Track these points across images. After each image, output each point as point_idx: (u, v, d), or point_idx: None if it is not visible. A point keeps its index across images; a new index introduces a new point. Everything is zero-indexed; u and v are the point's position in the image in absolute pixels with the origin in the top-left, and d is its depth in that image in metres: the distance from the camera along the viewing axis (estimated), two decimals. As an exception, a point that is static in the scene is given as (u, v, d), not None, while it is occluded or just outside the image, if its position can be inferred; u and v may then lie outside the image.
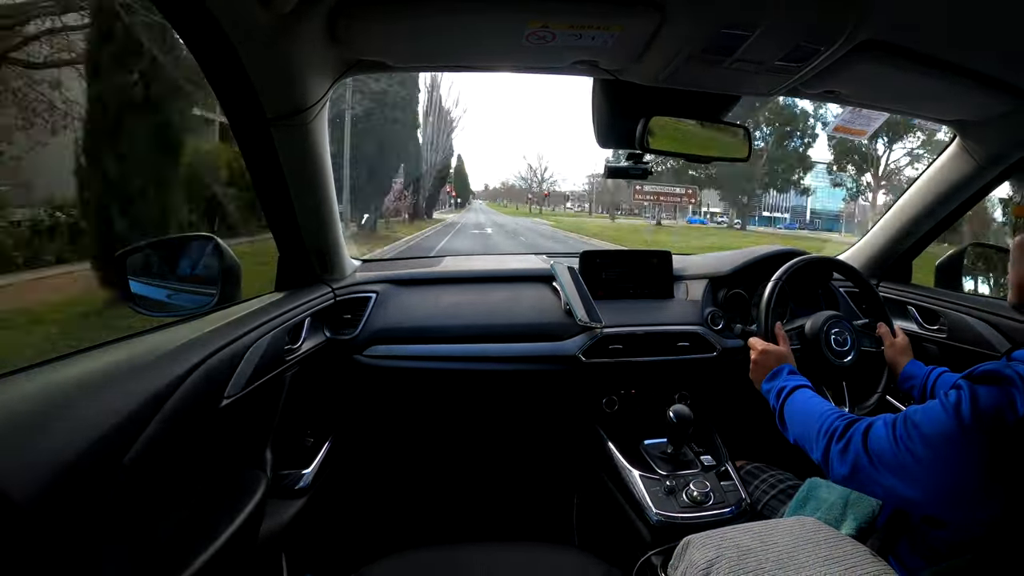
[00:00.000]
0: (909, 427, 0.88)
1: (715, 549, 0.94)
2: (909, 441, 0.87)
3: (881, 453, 0.91)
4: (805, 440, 1.10)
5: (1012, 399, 0.77)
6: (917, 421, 0.88)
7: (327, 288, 1.62)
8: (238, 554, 1.04)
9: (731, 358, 1.74)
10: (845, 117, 1.70)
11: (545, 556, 1.19)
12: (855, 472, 0.94)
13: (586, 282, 1.78)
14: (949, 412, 0.83)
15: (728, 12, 0.98)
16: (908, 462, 0.85)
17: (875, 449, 0.92)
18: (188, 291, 1.41)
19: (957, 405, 0.82)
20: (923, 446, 0.84)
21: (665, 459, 1.54)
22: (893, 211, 1.95)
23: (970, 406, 0.80)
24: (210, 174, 9.62)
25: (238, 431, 1.22)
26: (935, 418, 0.85)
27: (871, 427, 0.96)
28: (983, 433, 0.78)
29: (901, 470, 0.86)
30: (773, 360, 1.33)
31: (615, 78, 1.30)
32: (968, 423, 0.79)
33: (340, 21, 1.02)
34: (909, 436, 0.87)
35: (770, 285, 1.56)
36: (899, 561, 0.97)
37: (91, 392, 0.75)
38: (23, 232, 7.53)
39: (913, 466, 0.85)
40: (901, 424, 0.90)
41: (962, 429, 0.80)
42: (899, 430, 0.90)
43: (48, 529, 0.62)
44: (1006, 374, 0.80)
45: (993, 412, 0.78)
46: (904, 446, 0.87)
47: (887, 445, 0.90)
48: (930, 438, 0.84)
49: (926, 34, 1.11)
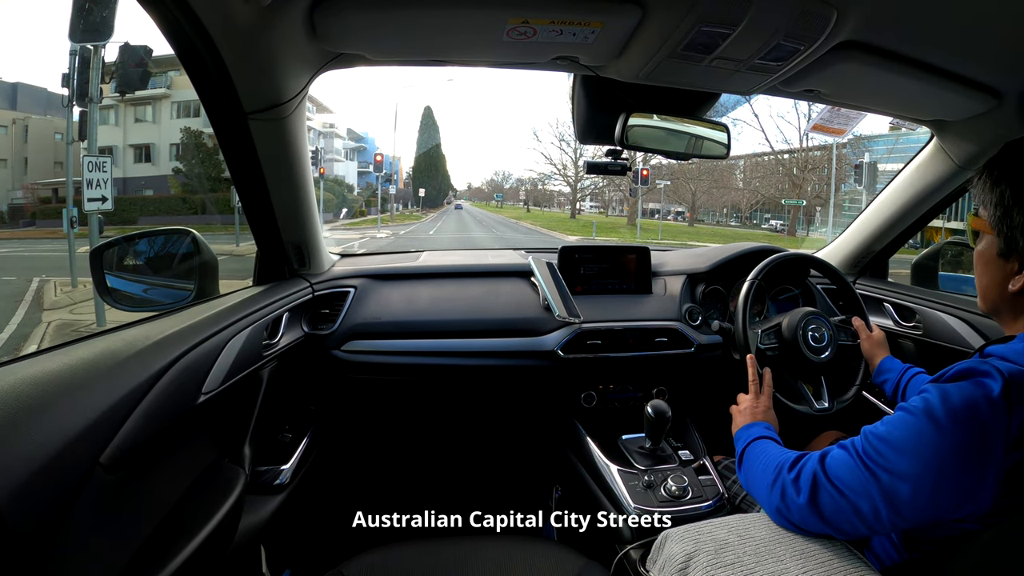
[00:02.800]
0: (875, 443, 0.84)
1: (693, 543, 0.94)
2: (878, 457, 0.82)
3: (843, 476, 0.86)
4: (757, 479, 1.05)
5: (987, 390, 0.75)
6: (882, 435, 0.83)
7: (305, 283, 1.61)
8: (217, 550, 1.04)
9: (708, 353, 1.76)
10: (824, 116, 1.72)
11: (524, 550, 1.19)
12: (815, 497, 0.88)
13: (564, 277, 1.78)
14: (918, 416, 0.79)
15: (708, 10, 0.98)
16: (883, 480, 0.81)
17: (836, 472, 0.87)
18: (165, 286, 1.40)
19: (927, 410, 0.79)
20: (897, 457, 0.80)
21: (643, 454, 1.54)
22: (870, 209, 1.97)
23: (941, 405, 0.77)
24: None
25: (216, 427, 1.21)
26: (904, 427, 0.81)
27: (827, 453, 0.91)
28: (962, 432, 0.75)
29: (872, 491, 0.82)
30: (760, 414, 1.30)
31: (595, 74, 1.30)
32: (945, 425, 0.76)
33: (319, 15, 1.01)
34: (878, 452, 0.83)
35: (747, 283, 1.58)
36: (874, 554, 0.98)
37: (67, 389, 0.74)
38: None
39: (890, 483, 0.80)
40: (863, 443, 0.86)
41: (939, 432, 0.77)
42: (863, 449, 0.85)
43: (24, 530, 0.61)
44: (982, 368, 0.78)
45: (968, 406, 0.76)
46: (873, 463, 0.82)
47: (852, 466, 0.85)
48: (903, 448, 0.80)
49: (904, 35, 1.12)
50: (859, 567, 0.86)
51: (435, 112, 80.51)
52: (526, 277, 1.86)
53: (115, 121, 24.41)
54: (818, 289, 1.93)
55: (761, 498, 1.02)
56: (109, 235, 2.36)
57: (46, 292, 9.34)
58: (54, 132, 22.60)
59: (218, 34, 0.99)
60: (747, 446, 1.17)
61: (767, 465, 1.03)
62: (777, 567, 0.86)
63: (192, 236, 1.36)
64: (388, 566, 1.14)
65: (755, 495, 1.07)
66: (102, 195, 6.72)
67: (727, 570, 0.87)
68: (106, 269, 1.26)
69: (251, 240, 1.50)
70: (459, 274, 1.90)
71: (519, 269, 1.89)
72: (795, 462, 0.96)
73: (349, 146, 44.20)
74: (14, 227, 20.27)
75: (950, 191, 1.74)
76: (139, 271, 1.37)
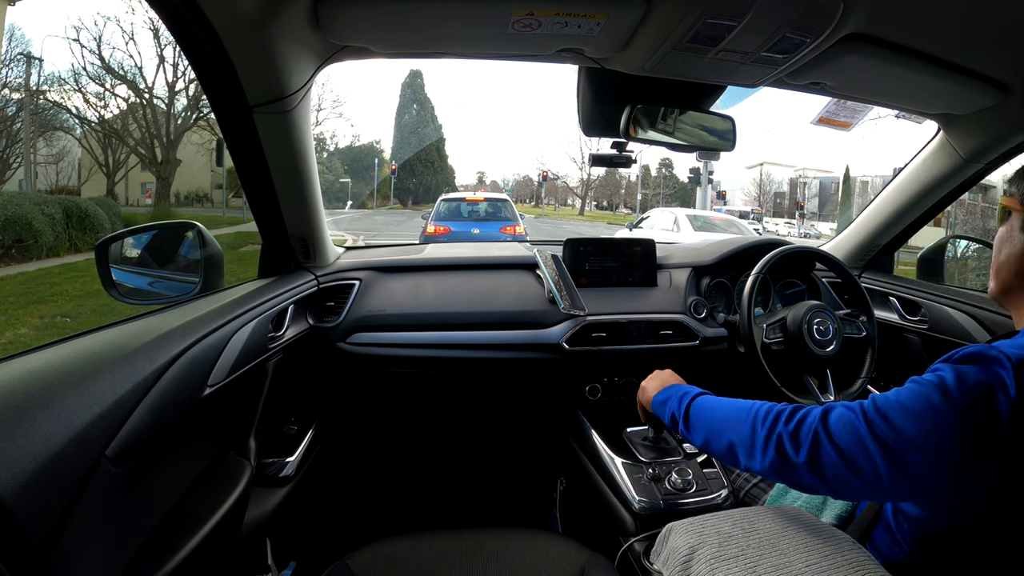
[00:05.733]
0: (885, 409, 0.80)
1: (697, 535, 0.94)
2: (886, 424, 0.78)
3: (846, 437, 0.81)
4: (731, 432, 0.96)
5: (1001, 379, 0.73)
6: (892, 402, 0.79)
7: (310, 275, 1.61)
8: (223, 543, 1.04)
9: (713, 346, 1.76)
10: (830, 108, 1.70)
11: (529, 542, 1.20)
12: (815, 457, 0.83)
13: (569, 270, 1.78)
14: (931, 391, 0.76)
15: (714, 2, 0.98)
16: (887, 446, 0.77)
17: (839, 432, 0.82)
18: (170, 279, 1.40)
19: (941, 385, 0.76)
20: (907, 424, 0.76)
21: (647, 446, 1.54)
22: (876, 203, 1.97)
23: (956, 383, 0.75)
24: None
25: (222, 420, 1.21)
26: (916, 398, 0.78)
27: (830, 409, 0.85)
28: (974, 411, 0.73)
29: (875, 456, 0.78)
30: (666, 376, 1.27)
31: (600, 67, 1.30)
32: (958, 400, 0.74)
33: (323, 7, 1.01)
34: (885, 418, 0.79)
35: (751, 277, 1.58)
36: (875, 549, 0.98)
37: (73, 382, 0.74)
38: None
39: (894, 450, 0.77)
40: (872, 408, 0.81)
41: (951, 406, 0.74)
42: (872, 412, 0.80)
43: (31, 523, 0.61)
44: (990, 354, 0.76)
45: (983, 390, 0.73)
46: (880, 429, 0.78)
47: (857, 428, 0.80)
48: (914, 416, 0.76)
49: (911, 28, 1.11)
50: (863, 560, 0.86)
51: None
52: (531, 270, 1.86)
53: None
54: (824, 283, 1.93)
55: (741, 449, 0.95)
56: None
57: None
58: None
59: (222, 27, 0.99)
60: (690, 403, 1.09)
61: (742, 417, 0.95)
62: (781, 560, 0.86)
63: (198, 229, 1.37)
64: (393, 558, 1.14)
65: (724, 448, 0.98)
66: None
67: (731, 563, 0.87)
68: (112, 262, 1.27)
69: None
70: (464, 266, 1.90)
71: (524, 261, 1.89)
72: (792, 413, 0.89)
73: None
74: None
75: (956, 185, 1.73)
76: (144, 264, 1.38)
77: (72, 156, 27.99)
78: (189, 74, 23.28)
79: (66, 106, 24.65)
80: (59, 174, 27.49)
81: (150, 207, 23.33)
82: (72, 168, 28.30)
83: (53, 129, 25.06)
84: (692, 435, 1.06)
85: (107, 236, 1.29)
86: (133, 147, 24.92)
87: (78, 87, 24.33)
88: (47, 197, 11.99)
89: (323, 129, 38.01)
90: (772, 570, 0.84)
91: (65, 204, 11.40)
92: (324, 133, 39.39)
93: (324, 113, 34.51)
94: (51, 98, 23.92)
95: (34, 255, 10.11)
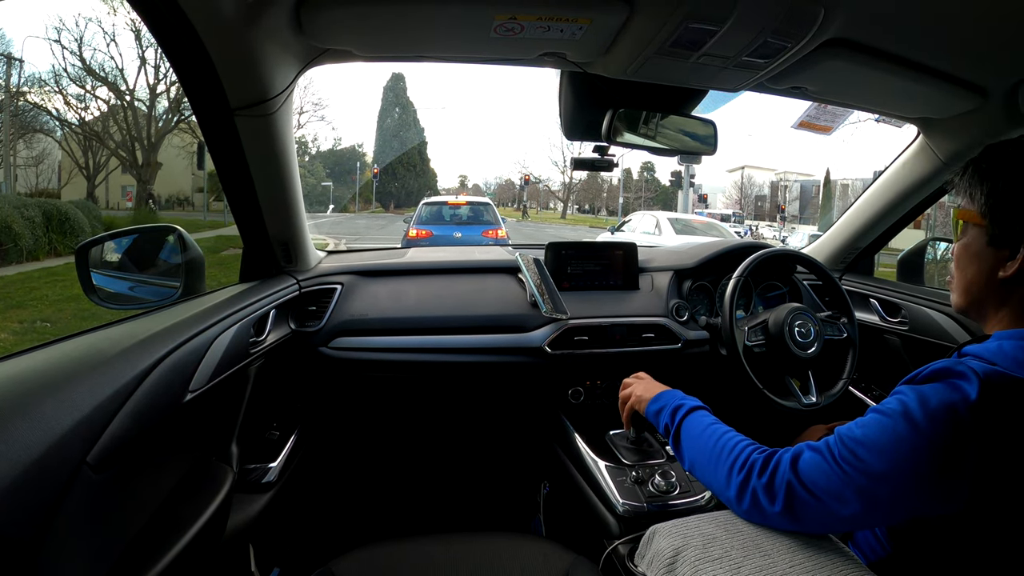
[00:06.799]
0: (851, 445, 0.81)
1: (681, 537, 0.95)
2: (854, 459, 0.79)
3: (818, 481, 0.82)
4: (710, 471, 0.98)
5: (964, 392, 0.74)
6: (858, 437, 0.80)
7: (292, 280, 1.60)
8: (205, 549, 1.03)
9: (695, 349, 1.77)
10: (810, 112, 1.72)
11: (513, 546, 1.19)
12: (790, 506, 0.85)
13: (552, 273, 1.78)
14: (895, 418, 0.77)
15: (695, 7, 0.99)
16: (860, 483, 0.78)
17: (810, 477, 0.83)
18: (151, 283, 1.39)
19: (904, 412, 0.77)
20: (874, 459, 0.78)
21: (631, 449, 1.55)
22: (856, 206, 1.99)
23: (920, 408, 0.76)
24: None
25: (203, 425, 1.20)
26: (880, 429, 0.79)
27: (799, 454, 0.86)
28: (940, 436, 0.74)
29: (850, 494, 0.79)
30: (657, 384, 1.26)
31: (582, 71, 1.31)
32: (923, 427, 0.74)
33: (305, 10, 1.01)
34: (854, 454, 0.80)
35: (733, 279, 1.59)
36: (858, 548, 0.99)
37: (53, 388, 0.73)
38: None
39: (868, 486, 0.78)
40: (838, 446, 0.82)
41: (917, 433, 0.75)
42: (838, 451, 0.82)
43: (12, 531, 0.60)
44: (957, 370, 0.77)
45: (946, 408, 0.74)
46: (849, 466, 0.80)
47: (828, 470, 0.82)
48: (880, 449, 0.77)
49: (892, 32, 1.13)
50: (846, 561, 0.86)
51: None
52: (513, 273, 1.86)
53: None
54: (804, 285, 1.95)
55: (717, 489, 0.97)
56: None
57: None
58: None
59: (204, 29, 0.99)
60: (680, 421, 1.09)
61: (721, 459, 0.96)
62: (764, 560, 0.86)
63: (178, 233, 1.35)
64: (376, 564, 1.14)
65: (706, 481, 1.00)
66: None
67: (715, 564, 0.87)
68: (92, 266, 1.25)
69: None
70: (446, 270, 1.90)
71: (506, 265, 1.89)
72: (764, 465, 0.90)
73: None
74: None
75: (935, 188, 1.75)
76: (125, 268, 1.36)
77: (52, 159, 27.81)
78: (171, 76, 23.28)
79: (47, 108, 24.56)
80: (39, 177, 27.24)
81: (131, 210, 23.16)
82: (52, 171, 28.13)
83: (33, 131, 24.93)
84: (680, 456, 1.07)
85: (87, 240, 1.28)
86: (114, 150, 24.81)
87: (59, 89, 24.27)
88: (27, 200, 11.86)
89: (305, 132, 37.53)
90: (756, 571, 0.84)
91: (45, 207, 11.28)
92: (306, 136, 38.78)
93: (306, 116, 34.21)
94: (31, 100, 23.81)
95: (13, 259, 9.98)
